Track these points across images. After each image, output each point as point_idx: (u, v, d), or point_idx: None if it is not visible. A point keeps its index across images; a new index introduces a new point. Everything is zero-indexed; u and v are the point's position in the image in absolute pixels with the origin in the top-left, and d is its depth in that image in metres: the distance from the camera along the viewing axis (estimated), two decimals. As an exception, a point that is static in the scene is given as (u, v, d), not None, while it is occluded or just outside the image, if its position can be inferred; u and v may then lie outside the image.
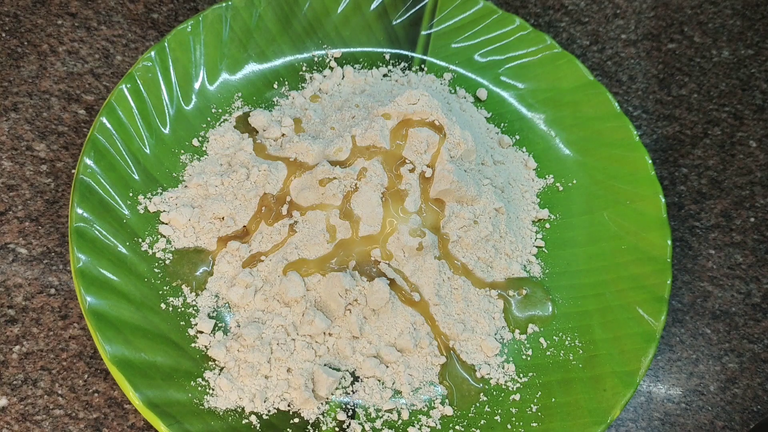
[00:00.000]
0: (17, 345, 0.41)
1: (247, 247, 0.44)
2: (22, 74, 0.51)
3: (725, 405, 0.48)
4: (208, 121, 0.49)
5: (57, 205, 0.47)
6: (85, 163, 0.43)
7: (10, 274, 0.43)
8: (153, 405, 0.36)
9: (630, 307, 0.46)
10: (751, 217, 0.56)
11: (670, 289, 0.46)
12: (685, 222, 0.55)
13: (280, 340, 0.41)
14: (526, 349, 0.45)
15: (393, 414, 0.41)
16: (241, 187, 0.45)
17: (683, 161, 0.59)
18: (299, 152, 0.47)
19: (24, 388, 0.40)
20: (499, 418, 0.42)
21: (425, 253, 0.44)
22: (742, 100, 0.63)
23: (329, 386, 0.40)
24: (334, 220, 0.44)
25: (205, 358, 0.41)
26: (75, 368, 0.41)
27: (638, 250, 0.48)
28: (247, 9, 0.52)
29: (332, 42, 0.55)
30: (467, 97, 0.55)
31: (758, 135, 0.61)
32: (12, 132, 0.48)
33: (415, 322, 0.43)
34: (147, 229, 0.44)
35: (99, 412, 0.40)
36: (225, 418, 0.38)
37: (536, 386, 0.43)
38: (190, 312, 0.42)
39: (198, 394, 0.39)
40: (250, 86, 0.52)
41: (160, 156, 0.46)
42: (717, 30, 0.67)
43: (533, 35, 0.56)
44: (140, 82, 0.47)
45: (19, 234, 0.45)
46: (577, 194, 0.52)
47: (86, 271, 0.39)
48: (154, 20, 0.57)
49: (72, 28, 0.54)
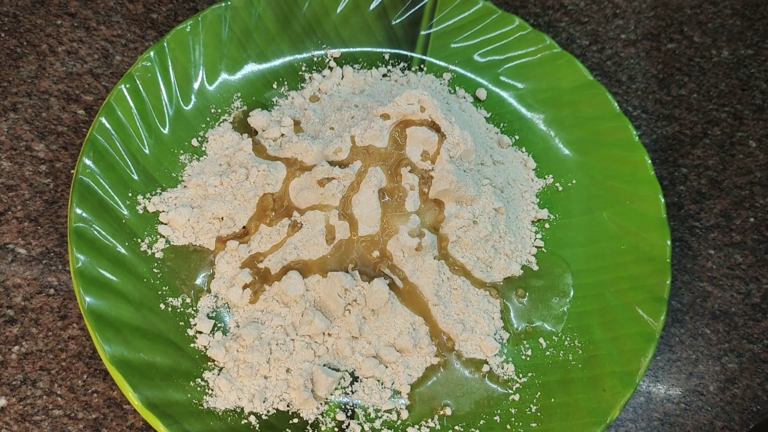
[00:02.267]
0: (16, 345, 0.41)
1: (246, 248, 0.44)
2: (21, 74, 0.51)
3: (725, 405, 0.48)
4: (208, 122, 0.49)
5: (56, 205, 0.47)
6: (85, 164, 0.43)
7: (9, 275, 0.43)
8: (152, 405, 0.36)
9: (629, 307, 0.46)
10: (750, 217, 0.56)
11: (669, 289, 0.46)
12: (684, 222, 0.55)
13: (279, 340, 0.41)
14: (526, 349, 0.45)
15: (392, 414, 0.41)
16: (240, 187, 0.45)
17: (683, 161, 0.59)
18: (298, 152, 0.47)
19: (23, 388, 0.40)
20: (499, 419, 0.42)
21: (424, 253, 0.44)
22: (741, 100, 0.63)
23: (328, 386, 0.40)
24: (333, 220, 0.44)
25: (205, 359, 0.40)
26: (74, 368, 0.41)
27: (638, 250, 0.48)
28: (247, 9, 0.52)
29: (331, 42, 0.55)
30: (467, 97, 0.55)
31: (758, 135, 0.61)
32: (11, 132, 0.48)
33: (415, 322, 0.43)
34: (146, 229, 0.44)
35: (98, 413, 0.40)
36: (224, 418, 0.38)
37: (536, 386, 0.43)
38: (189, 312, 0.42)
39: (197, 395, 0.39)
40: (249, 86, 0.52)
41: (160, 156, 0.46)
42: (717, 30, 0.67)
43: (533, 35, 0.56)
44: (139, 82, 0.47)
45: (19, 234, 0.45)
46: (576, 194, 0.52)
47: (85, 271, 0.39)
48: (154, 20, 0.57)
49: (71, 28, 0.54)
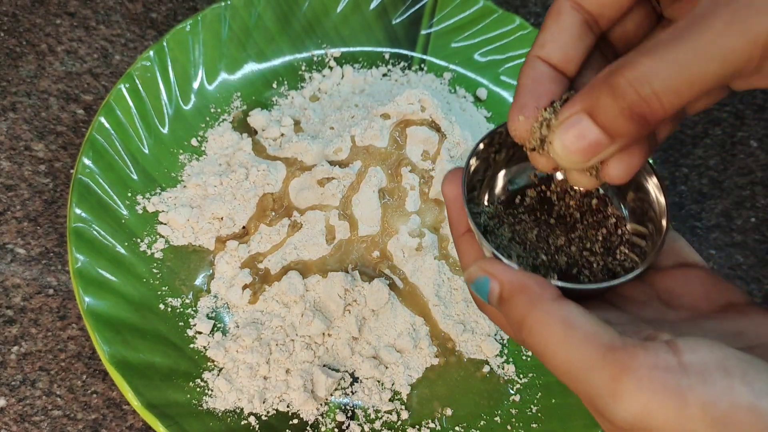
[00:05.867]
0: (15, 345, 0.41)
1: (246, 248, 0.44)
2: (20, 74, 0.51)
3: (726, 406, 0.47)
4: (207, 121, 0.49)
5: (55, 205, 0.46)
6: (84, 163, 0.43)
7: (9, 275, 0.43)
8: (151, 406, 0.36)
9: (630, 307, 0.45)
10: (752, 217, 0.56)
11: (670, 289, 0.45)
12: (685, 222, 0.55)
13: (279, 340, 0.41)
14: (526, 350, 0.45)
15: (392, 415, 0.41)
16: (240, 187, 0.45)
17: (684, 161, 0.59)
18: (298, 152, 0.46)
19: (22, 388, 0.40)
20: (499, 419, 0.42)
21: (425, 253, 0.44)
22: (743, 99, 0.63)
23: (328, 387, 0.40)
24: (333, 220, 0.44)
25: (204, 359, 0.40)
26: (73, 369, 0.41)
27: (639, 251, 0.48)
28: (246, 8, 0.52)
29: (332, 41, 0.55)
30: (467, 97, 0.55)
31: (759, 135, 0.61)
32: (10, 132, 0.48)
33: (415, 322, 0.43)
34: (146, 229, 0.44)
35: (97, 413, 0.40)
36: (224, 419, 0.38)
37: (536, 387, 0.43)
38: (188, 312, 0.42)
39: (197, 395, 0.39)
40: (249, 86, 0.51)
41: (159, 156, 0.46)
42: (718, 29, 0.67)
43: (533, 34, 0.56)
44: (139, 81, 0.47)
45: (18, 234, 0.45)
46: (577, 194, 0.52)
47: (85, 271, 0.39)
48: (153, 20, 0.57)
49: (70, 27, 0.54)
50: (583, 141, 0.23)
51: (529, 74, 0.26)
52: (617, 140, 0.23)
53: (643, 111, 0.22)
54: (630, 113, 0.22)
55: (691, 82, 0.21)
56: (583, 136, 0.23)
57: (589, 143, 0.23)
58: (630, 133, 0.23)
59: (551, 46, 0.26)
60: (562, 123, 0.24)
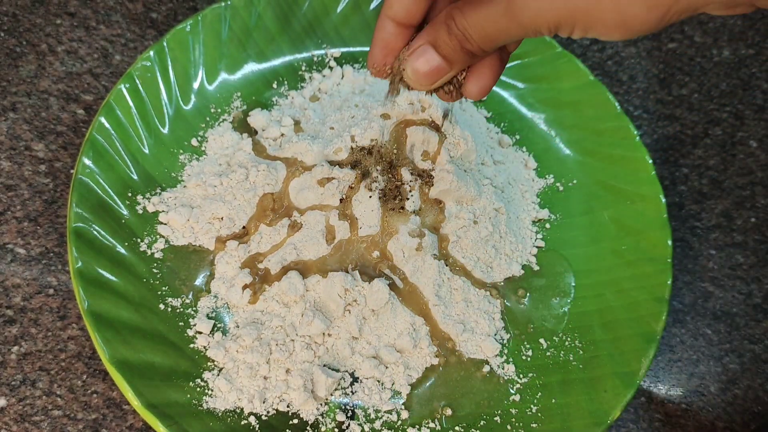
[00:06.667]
0: (15, 345, 0.41)
1: (246, 248, 0.44)
2: (20, 74, 0.51)
3: (726, 406, 0.47)
4: (207, 121, 0.49)
5: (55, 205, 0.46)
6: (84, 163, 0.43)
7: (9, 275, 0.43)
8: (152, 406, 0.36)
9: (630, 307, 0.45)
10: (752, 218, 0.56)
11: (670, 289, 0.45)
12: (685, 222, 0.55)
13: (279, 340, 0.41)
14: (526, 350, 0.45)
15: (392, 415, 0.41)
16: (240, 187, 0.45)
17: (684, 161, 0.59)
18: (298, 152, 0.46)
19: (22, 388, 0.40)
20: (499, 419, 0.42)
21: (425, 253, 0.44)
22: (742, 99, 0.63)
23: (328, 387, 0.40)
24: (333, 220, 0.44)
25: (204, 359, 0.40)
26: (73, 369, 0.41)
27: (639, 251, 0.48)
28: (247, 8, 0.52)
29: (332, 41, 0.55)
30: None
31: (759, 135, 0.61)
32: (10, 132, 0.48)
33: (415, 322, 0.43)
34: (146, 229, 0.44)
35: (98, 413, 0.40)
36: (224, 419, 0.38)
37: (536, 387, 0.43)
38: (188, 312, 0.42)
39: (197, 395, 0.39)
40: (249, 86, 0.51)
41: (159, 156, 0.46)
42: (717, 29, 0.67)
43: (533, 35, 0.56)
44: (139, 81, 0.47)
45: (18, 234, 0.45)
46: (577, 194, 0.52)
47: (85, 271, 0.39)
48: (153, 20, 0.57)
49: (71, 27, 0.54)
50: (430, 65, 0.31)
51: (379, 35, 0.33)
52: (454, 66, 0.31)
53: (470, 48, 0.30)
54: (461, 48, 0.30)
55: (497, 36, 0.29)
56: (429, 62, 0.31)
57: (433, 68, 0.31)
58: (463, 61, 0.31)
59: (397, 7, 0.32)
60: (413, 52, 0.32)
